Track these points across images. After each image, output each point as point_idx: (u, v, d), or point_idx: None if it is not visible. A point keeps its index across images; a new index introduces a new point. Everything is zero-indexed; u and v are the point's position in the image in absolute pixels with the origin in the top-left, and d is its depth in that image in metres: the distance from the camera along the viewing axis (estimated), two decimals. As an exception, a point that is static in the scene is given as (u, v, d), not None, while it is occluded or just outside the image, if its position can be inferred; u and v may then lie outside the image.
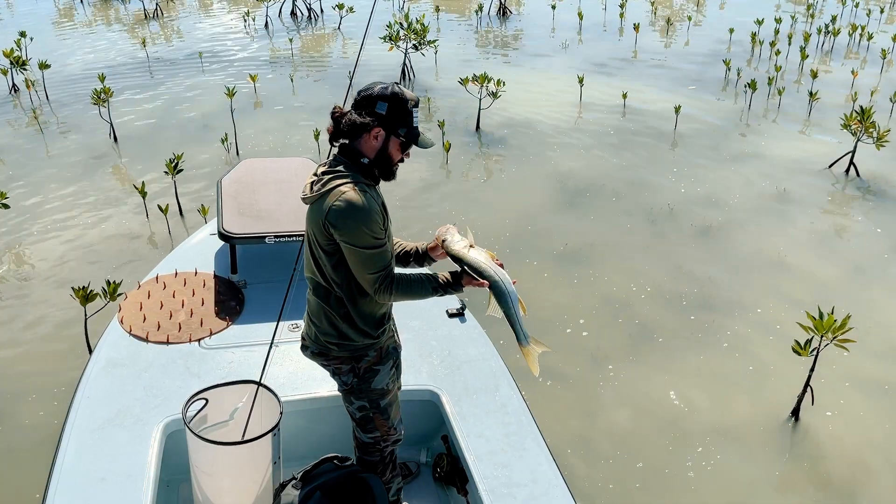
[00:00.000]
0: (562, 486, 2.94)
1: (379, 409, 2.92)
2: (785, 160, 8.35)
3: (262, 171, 4.71)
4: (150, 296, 3.94)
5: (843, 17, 15.69)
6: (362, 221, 2.53)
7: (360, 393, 2.88)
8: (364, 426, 2.96)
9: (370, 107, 2.60)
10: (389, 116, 2.60)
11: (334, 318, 2.74)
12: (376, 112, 2.59)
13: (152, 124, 9.26)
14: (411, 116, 2.64)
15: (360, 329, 2.76)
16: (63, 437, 3.04)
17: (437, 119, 8.96)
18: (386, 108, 2.60)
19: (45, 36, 13.68)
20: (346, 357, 2.80)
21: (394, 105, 2.60)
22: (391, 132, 2.62)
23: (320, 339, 2.80)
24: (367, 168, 2.65)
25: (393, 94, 2.60)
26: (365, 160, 2.64)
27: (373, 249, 2.57)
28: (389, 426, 2.97)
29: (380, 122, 2.60)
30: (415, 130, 2.66)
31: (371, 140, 2.63)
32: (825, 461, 4.28)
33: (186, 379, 3.36)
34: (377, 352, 2.84)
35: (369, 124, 2.59)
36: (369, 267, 2.59)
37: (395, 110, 2.60)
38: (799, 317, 4.93)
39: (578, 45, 13.40)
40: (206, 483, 2.86)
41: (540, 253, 6.30)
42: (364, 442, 3.00)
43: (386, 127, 2.61)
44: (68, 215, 6.91)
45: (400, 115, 2.62)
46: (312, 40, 13.81)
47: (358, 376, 2.84)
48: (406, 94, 2.64)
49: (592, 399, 4.70)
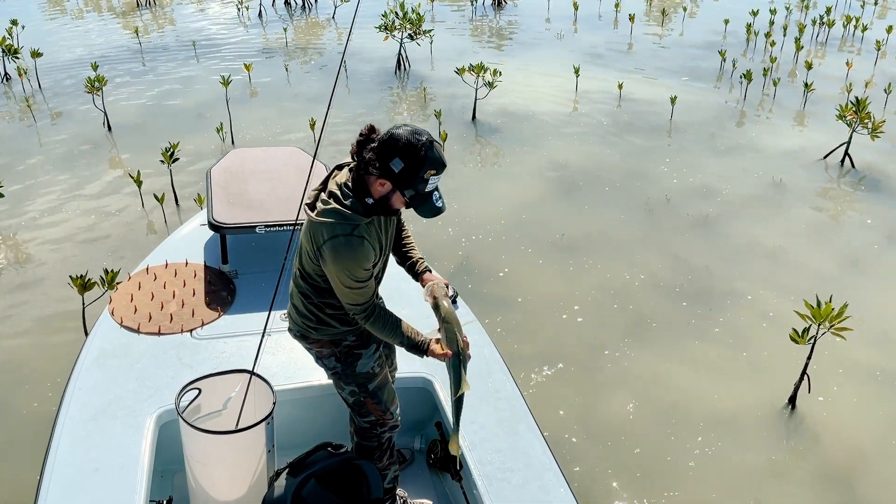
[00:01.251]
0: (555, 471, 2.95)
1: (369, 393, 2.93)
2: (780, 151, 8.34)
3: (252, 160, 4.68)
4: (141, 287, 3.91)
5: (838, 8, 15.68)
6: (347, 269, 2.55)
7: (347, 378, 2.91)
8: (358, 411, 2.99)
9: (386, 157, 2.49)
10: (400, 176, 2.50)
11: (313, 305, 2.79)
12: (389, 166, 2.49)
13: (146, 113, 9.20)
14: (425, 183, 2.52)
15: (338, 317, 2.80)
16: (56, 429, 3.03)
17: (434, 109, 8.93)
18: (401, 168, 2.48)
19: (36, 24, 13.57)
20: (325, 341, 2.84)
21: (409, 167, 2.48)
22: (397, 188, 2.53)
23: (299, 322, 2.85)
24: (370, 207, 2.59)
25: (413, 155, 2.47)
26: (369, 200, 2.57)
27: (353, 289, 2.60)
28: (383, 410, 2.98)
29: (388, 175, 2.51)
30: (423, 196, 2.55)
31: (377, 185, 2.55)
32: (821, 448, 4.29)
33: (179, 369, 3.35)
34: (357, 336, 2.87)
35: (377, 174, 2.52)
36: (348, 300, 2.65)
37: (408, 172, 2.49)
38: (794, 305, 4.93)
39: (574, 36, 13.36)
40: (200, 473, 2.85)
41: (537, 242, 6.29)
42: (360, 427, 3.03)
43: (394, 183, 2.52)
44: (63, 204, 6.87)
45: (412, 178, 2.50)
46: (306, 29, 13.73)
47: (341, 361, 2.88)
48: (430, 161, 2.49)
49: (589, 387, 4.70)
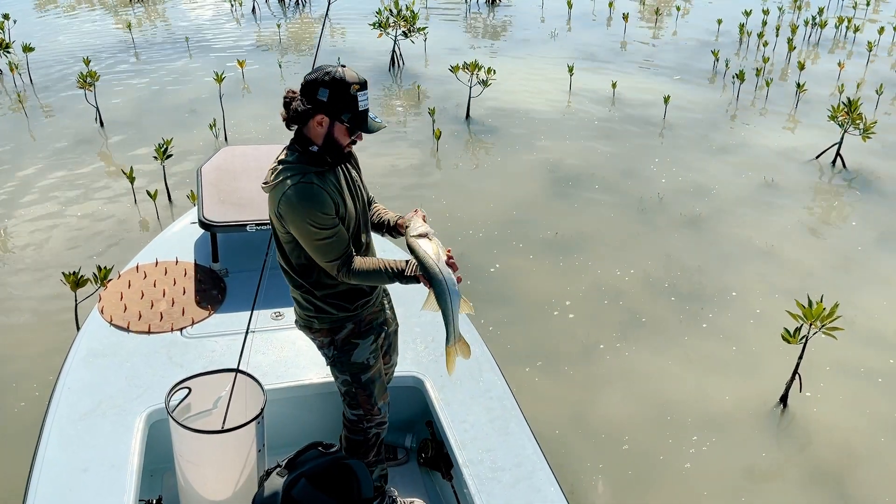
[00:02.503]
0: (546, 470, 2.95)
1: (361, 385, 2.94)
2: (772, 151, 8.37)
3: (242, 158, 4.66)
4: (131, 285, 3.89)
5: (830, 9, 15.71)
6: (307, 216, 2.52)
7: (341, 366, 2.92)
8: (348, 402, 3.01)
9: (312, 93, 2.53)
10: (331, 103, 2.52)
11: (307, 295, 2.81)
12: (318, 99, 2.52)
13: (139, 109, 9.15)
14: (356, 101, 2.54)
15: (333, 303, 2.81)
16: (45, 428, 3.01)
17: (428, 106, 8.91)
18: (327, 94, 2.51)
19: (28, 18, 13.49)
20: (325, 330, 2.86)
21: (335, 90, 2.51)
22: (335, 118, 2.55)
23: (302, 314, 2.88)
24: (318, 156, 2.59)
25: (333, 79, 2.51)
26: (314, 148, 2.59)
27: (322, 241, 2.58)
28: (372, 404, 2.99)
29: (322, 108, 2.53)
30: (360, 115, 2.57)
31: (316, 127, 2.57)
32: (813, 447, 4.31)
33: (169, 368, 3.33)
34: (355, 324, 2.87)
35: (311, 112, 2.54)
36: (323, 255, 2.62)
37: (336, 96, 2.52)
38: (786, 305, 4.94)
39: (567, 35, 13.36)
40: (190, 472, 2.84)
41: (530, 241, 6.29)
42: (349, 419, 3.05)
43: (329, 113, 2.54)
44: (55, 201, 6.83)
45: (343, 100, 2.53)
46: (300, 26, 13.69)
47: (337, 348, 2.89)
48: (349, 77, 2.53)
49: (581, 385, 4.71)
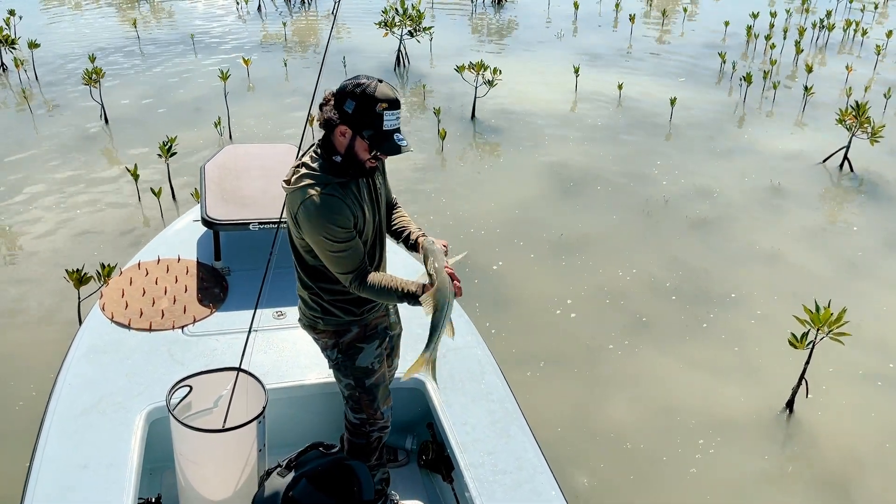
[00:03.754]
0: (547, 473, 2.92)
1: (364, 389, 2.92)
2: (779, 154, 8.32)
3: (246, 156, 4.64)
4: (133, 282, 3.87)
5: (838, 12, 15.67)
6: (322, 228, 2.50)
7: (345, 370, 2.90)
8: (351, 406, 2.99)
9: (341, 103, 2.49)
10: (355, 116, 2.47)
11: (315, 296, 2.79)
12: (344, 109, 2.48)
13: (144, 106, 9.15)
14: (381, 119, 2.48)
15: (340, 307, 2.79)
16: (44, 424, 2.99)
17: (433, 106, 8.89)
18: (353, 107, 2.47)
19: (33, 15, 13.50)
20: (330, 331, 2.84)
21: (361, 104, 2.46)
22: (356, 132, 2.50)
23: (308, 314, 2.86)
24: (340, 166, 2.55)
25: (363, 92, 2.46)
26: (337, 158, 2.55)
27: (337, 252, 2.55)
28: (375, 409, 2.97)
29: (346, 120, 2.49)
30: (384, 134, 2.50)
31: (339, 136, 2.53)
32: (819, 453, 4.27)
33: (170, 366, 3.31)
34: (361, 328, 2.85)
35: (335, 121, 2.50)
36: (337, 266, 2.61)
37: (361, 110, 2.47)
38: (793, 309, 4.90)
39: (574, 36, 13.33)
40: (190, 471, 2.82)
41: (535, 242, 6.26)
42: (351, 422, 3.03)
43: (352, 126, 2.50)
44: (59, 197, 6.82)
45: (367, 116, 2.47)
46: (306, 24, 13.68)
47: (341, 351, 2.87)
48: (380, 93, 2.46)
49: (585, 387, 4.67)
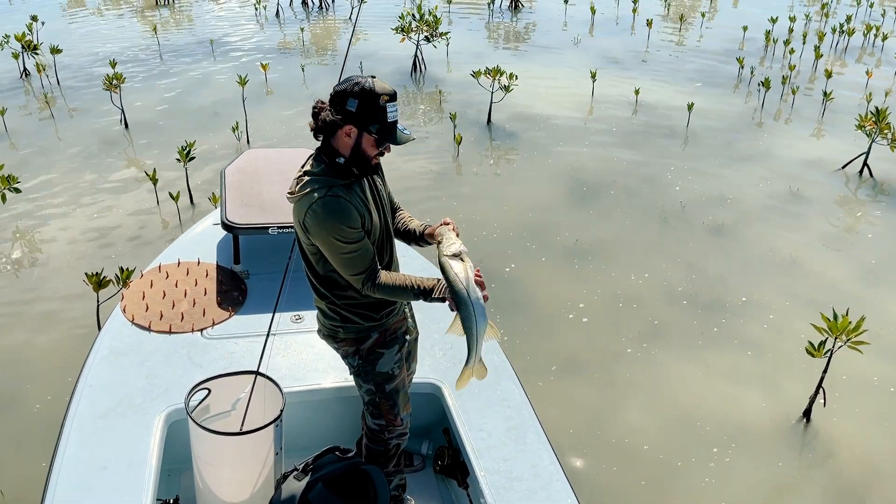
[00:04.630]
0: (563, 481, 2.92)
1: (385, 395, 2.94)
2: (798, 160, 8.26)
3: (266, 161, 4.69)
4: (153, 285, 3.92)
5: (858, 16, 15.53)
6: (332, 230, 2.54)
7: (366, 375, 2.92)
8: (371, 411, 3.00)
9: (341, 104, 2.54)
10: (360, 113, 2.53)
11: (332, 305, 2.81)
12: (346, 109, 2.53)
13: (163, 111, 9.24)
14: (384, 112, 2.54)
15: (359, 313, 2.81)
16: (65, 425, 3.03)
17: (449, 112, 8.91)
18: (356, 104, 2.52)
19: (56, 20, 13.66)
20: (351, 339, 2.86)
21: (364, 101, 2.52)
22: (363, 129, 2.55)
23: (327, 324, 2.88)
24: (344, 167, 2.60)
25: (363, 89, 2.51)
26: (340, 160, 2.60)
27: (347, 254, 2.58)
28: (395, 414, 2.99)
29: (350, 119, 2.54)
30: (389, 126, 2.57)
31: (344, 137, 2.58)
32: (836, 463, 4.24)
33: (189, 369, 3.35)
34: (381, 333, 2.87)
35: (339, 122, 2.54)
36: (348, 268, 2.63)
37: (365, 106, 2.52)
38: (810, 317, 4.87)
39: (590, 41, 13.31)
40: (207, 473, 2.85)
41: (550, 248, 6.26)
42: (371, 428, 3.05)
43: (357, 124, 2.54)
44: (79, 201, 6.90)
45: (371, 111, 2.53)
46: (323, 30, 13.76)
47: (362, 358, 2.89)
48: (379, 88, 2.53)
49: (601, 394, 4.66)
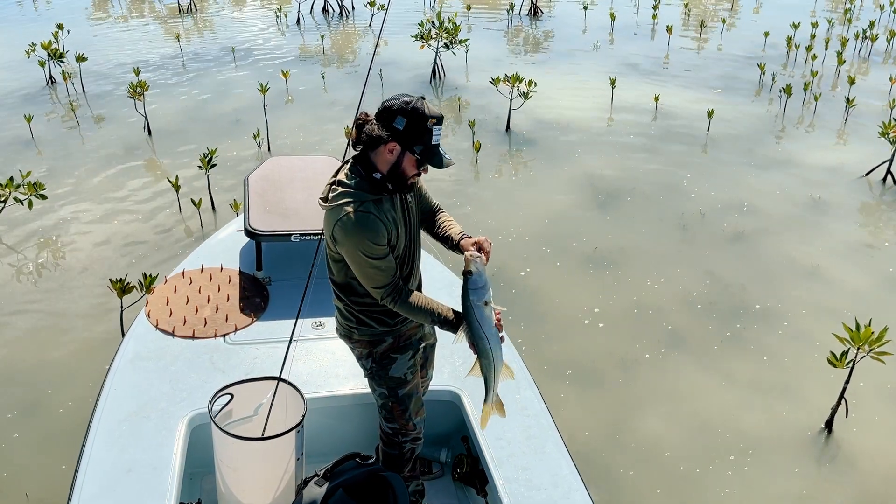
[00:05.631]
0: (582, 491, 2.91)
1: (397, 399, 2.96)
2: (820, 167, 8.19)
3: (289, 169, 4.74)
4: (177, 290, 3.97)
5: (881, 22, 15.38)
6: (359, 245, 2.56)
7: (379, 379, 2.95)
8: (384, 415, 3.03)
9: (389, 120, 2.55)
10: (406, 132, 2.54)
11: (349, 307, 2.85)
12: (393, 126, 2.54)
13: (186, 118, 9.34)
14: (430, 134, 2.56)
15: (374, 317, 2.84)
16: (91, 428, 3.08)
17: (468, 119, 8.93)
18: (404, 123, 2.53)
19: (80, 29, 13.86)
20: (365, 341, 2.89)
21: (412, 121, 2.53)
22: (407, 148, 2.57)
23: (343, 323, 2.92)
24: (379, 183, 2.62)
25: (413, 109, 2.53)
26: (377, 175, 2.61)
27: (372, 269, 2.61)
28: (407, 419, 3.00)
29: (396, 137, 2.55)
30: (432, 149, 2.59)
31: (386, 154, 2.59)
32: (858, 475, 4.19)
33: (211, 374, 3.39)
34: (395, 339, 2.89)
35: (385, 138, 2.56)
36: (371, 281, 2.66)
37: (412, 126, 2.54)
38: (832, 326, 4.82)
39: (610, 47, 13.29)
40: (229, 477, 2.88)
41: (569, 255, 6.25)
42: (385, 432, 3.08)
43: (402, 142, 2.56)
44: (103, 207, 6.99)
45: (417, 131, 2.54)
46: (343, 37, 13.85)
47: (375, 361, 2.91)
48: (427, 110, 2.55)
49: (619, 403, 4.65)
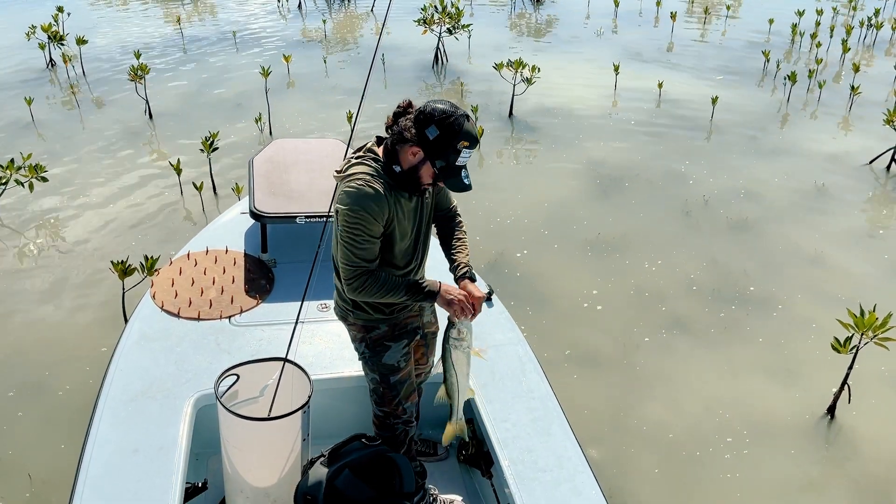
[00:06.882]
0: (587, 473, 2.93)
1: (388, 385, 2.98)
2: (824, 155, 8.18)
3: (293, 151, 4.73)
4: (182, 272, 3.97)
5: (887, 10, 15.31)
6: (352, 213, 2.53)
7: (372, 364, 2.96)
8: (376, 399, 3.05)
9: (423, 125, 2.53)
10: (434, 144, 2.52)
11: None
12: (424, 133, 2.52)
13: (187, 102, 9.31)
14: (457, 155, 2.54)
15: (370, 304, 2.83)
16: (97, 409, 3.08)
17: (471, 104, 8.90)
18: (436, 135, 2.51)
19: (81, 11, 13.79)
20: (359, 325, 2.90)
21: (444, 135, 2.51)
22: (429, 158, 2.55)
23: (340, 304, 2.93)
24: (396, 176, 2.61)
25: (448, 124, 2.50)
26: (397, 168, 2.60)
27: (349, 244, 2.58)
28: (397, 405, 3.01)
29: (422, 143, 2.53)
30: (454, 169, 2.56)
31: (409, 154, 2.58)
32: (860, 460, 4.20)
33: (217, 355, 3.39)
34: (390, 327, 2.90)
35: (411, 141, 2.55)
36: (345, 258, 2.62)
37: (442, 141, 2.52)
38: (835, 313, 4.83)
39: (613, 33, 13.23)
40: (236, 457, 2.88)
41: (572, 241, 6.25)
42: (376, 415, 3.09)
43: (427, 151, 2.54)
44: (105, 190, 6.98)
45: (445, 147, 2.52)
46: (345, 21, 13.78)
47: (369, 346, 2.92)
48: (462, 129, 2.51)
49: (622, 389, 4.65)
